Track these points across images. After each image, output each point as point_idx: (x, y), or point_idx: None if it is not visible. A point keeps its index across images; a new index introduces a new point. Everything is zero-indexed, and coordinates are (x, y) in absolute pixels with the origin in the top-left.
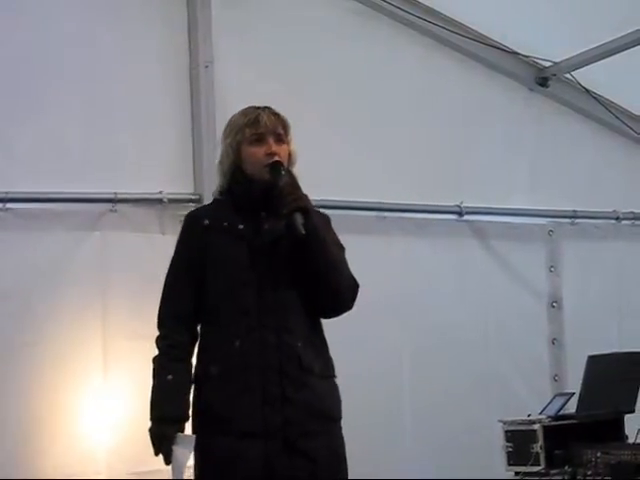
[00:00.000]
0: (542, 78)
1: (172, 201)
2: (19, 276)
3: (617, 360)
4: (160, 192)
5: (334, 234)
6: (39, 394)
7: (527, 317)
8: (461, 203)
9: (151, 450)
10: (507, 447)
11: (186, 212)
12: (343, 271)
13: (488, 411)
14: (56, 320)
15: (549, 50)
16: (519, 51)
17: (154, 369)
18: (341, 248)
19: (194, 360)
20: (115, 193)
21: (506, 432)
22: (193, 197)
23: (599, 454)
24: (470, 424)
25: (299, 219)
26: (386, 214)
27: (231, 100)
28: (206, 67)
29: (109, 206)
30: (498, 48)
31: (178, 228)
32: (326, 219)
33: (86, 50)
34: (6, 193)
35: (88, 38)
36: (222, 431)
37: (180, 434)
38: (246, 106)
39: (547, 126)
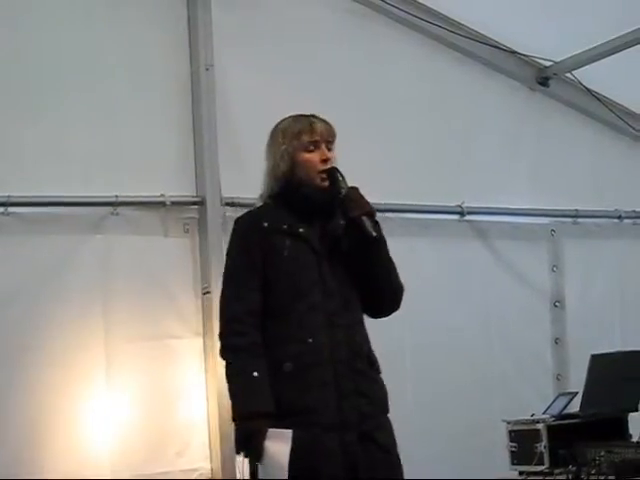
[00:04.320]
0: (543, 77)
1: (174, 204)
2: (21, 280)
3: (620, 359)
4: (162, 195)
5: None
6: (42, 397)
7: (530, 317)
8: (462, 203)
9: (155, 452)
10: (511, 447)
11: (188, 215)
12: (397, 273)
13: (491, 411)
14: (58, 323)
15: (550, 49)
16: (519, 51)
17: (235, 366)
18: None
19: None
20: (117, 196)
21: (510, 432)
22: (195, 200)
23: (603, 453)
24: (473, 424)
25: (368, 222)
26: (387, 214)
27: (232, 102)
28: (207, 70)
29: (111, 209)
30: (498, 48)
31: (180, 231)
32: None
33: (87, 53)
34: (8, 197)
35: (89, 41)
36: (301, 424)
37: (273, 429)
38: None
39: (548, 125)
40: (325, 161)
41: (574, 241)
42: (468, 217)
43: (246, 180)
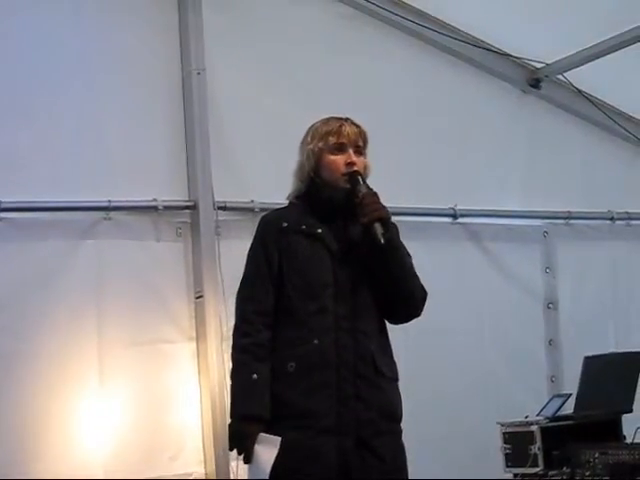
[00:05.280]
0: (534, 79)
1: (166, 208)
2: (13, 285)
3: (613, 360)
4: (154, 199)
5: (402, 243)
6: (35, 401)
7: (523, 318)
8: (455, 206)
9: (149, 457)
10: (505, 449)
11: (180, 219)
12: (415, 279)
13: (486, 413)
14: (51, 329)
15: (541, 52)
16: (511, 53)
17: (237, 366)
18: (409, 256)
19: None
20: (109, 201)
21: (504, 434)
22: (187, 204)
23: (597, 454)
24: (468, 426)
25: (379, 229)
26: None
27: (224, 106)
28: (198, 74)
29: (103, 214)
30: (490, 50)
31: (173, 235)
32: (397, 228)
33: (78, 58)
34: None
35: (80, 46)
36: (297, 427)
37: (264, 434)
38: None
39: (540, 127)
40: (350, 164)
41: (567, 242)
42: (461, 219)
43: (238, 184)
